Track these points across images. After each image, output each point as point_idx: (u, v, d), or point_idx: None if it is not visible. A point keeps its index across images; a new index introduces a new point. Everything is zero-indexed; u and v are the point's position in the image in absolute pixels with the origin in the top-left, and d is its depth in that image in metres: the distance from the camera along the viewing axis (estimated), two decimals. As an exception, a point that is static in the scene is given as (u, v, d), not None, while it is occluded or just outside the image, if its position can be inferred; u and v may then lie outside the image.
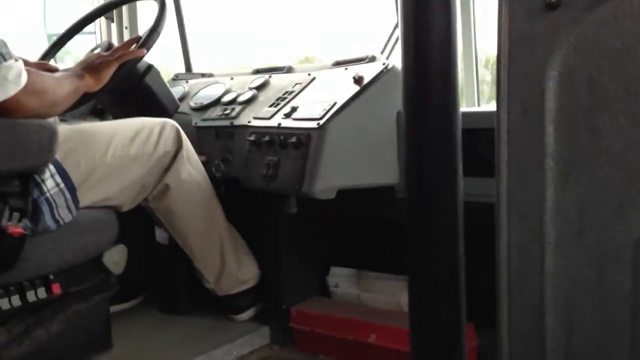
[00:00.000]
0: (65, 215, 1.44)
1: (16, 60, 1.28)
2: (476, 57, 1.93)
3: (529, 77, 0.63)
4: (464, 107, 1.88)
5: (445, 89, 0.67)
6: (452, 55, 0.66)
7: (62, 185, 1.43)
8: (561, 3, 0.60)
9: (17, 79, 1.27)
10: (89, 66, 1.60)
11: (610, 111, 0.61)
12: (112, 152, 1.62)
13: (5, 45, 1.27)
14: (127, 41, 1.79)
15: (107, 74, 1.61)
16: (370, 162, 1.60)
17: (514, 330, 0.70)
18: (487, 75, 2.04)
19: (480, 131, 1.10)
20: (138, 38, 1.78)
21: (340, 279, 1.92)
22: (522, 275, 0.68)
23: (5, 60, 1.25)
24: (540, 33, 0.62)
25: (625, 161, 0.61)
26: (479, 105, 1.97)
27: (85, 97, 1.59)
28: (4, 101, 1.27)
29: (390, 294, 1.78)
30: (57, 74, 1.54)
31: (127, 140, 1.66)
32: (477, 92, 1.95)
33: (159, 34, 1.77)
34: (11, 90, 1.27)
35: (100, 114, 1.99)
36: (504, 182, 0.67)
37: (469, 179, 0.77)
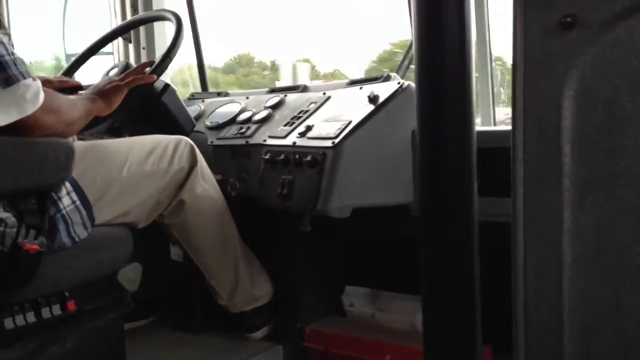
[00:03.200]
0: (81, 232, 1.45)
1: (34, 79, 1.30)
2: (492, 75, 1.93)
3: (546, 96, 0.63)
4: (479, 126, 1.88)
5: (460, 107, 0.66)
6: (467, 74, 0.66)
7: (78, 202, 1.44)
8: (577, 23, 0.60)
9: (35, 98, 1.29)
10: (100, 91, 1.63)
11: (629, 131, 0.60)
12: (128, 168, 1.64)
13: (23, 63, 1.29)
14: (140, 65, 1.82)
15: (117, 99, 1.64)
16: (385, 181, 1.60)
17: (530, 353, 0.69)
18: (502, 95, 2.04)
19: (496, 150, 1.09)
20: (152, 62, 1.80)
21: (355, 298, 1.91)
22: (539, 296, 0.67)
23: (25, 78, 1.27)
24: (557, 52, 0.61)
25: (644, 182, 0.60)
26: (494, 124, 1.96)
27: (96, 120, 1.61)
28: (22, 119, 1.29)
29: (405, 314, 1.76)
30: (70, 97, 1.57)
31: (142, 156, 1.67)
32: (492, 111, 1.94)
33: (172, 60, 1.80)
34: (29, 109, 1.29)
35: (117, 133, 2.00)
36: (520, 202, 0.66)
37: (485, 198, 0.76)
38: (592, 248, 0.63)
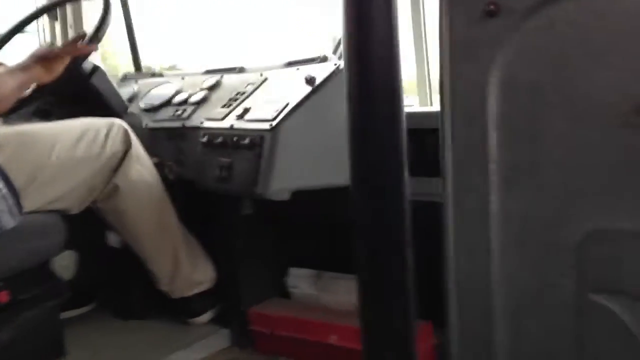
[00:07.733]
0: (8, 221, 1.39)
1: None
2: (427, 56, 1.94)
3: (471, 83, 0.64)
4: (409, 107, 1.90)
5: (388, 89, 0.66)
6: (395, 55, 0.66)
7: (4, 190, 1.39)
8: (500, 10, 0.61)
9: None
10: (40, 57, 1.54)
11: (550, 116, 0.62)
12: (57, 154, 1.58)
13: None
14: (74, 37, 1.74)
15: (60, 66, 1.56)
16: (324, 163, 1.60)
17: (463, 332, 0.71)
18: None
19: (427, 131, 1.10)
20: (83, 35, 1.73)
21: (299, 279, 1.91)
22: (469, 279, 0.69)
23: None
24: (481, 40, 0.62)
25: (566, 165, 0.62)
26: (431, 104, 1.99)
27: (37, 92, 1.53)
28: None
29: (348, 294, 1.78)
30: None
31: (72, 141, 1.62)
32: (429, 90, 1.97)
33: (105, 31, 1.74)
34: None
35: (45, 115, 1.93)
36: (450, 187, 0.68)
37: (418, 178, 0.77)
38: (517, 230, 0.65)
